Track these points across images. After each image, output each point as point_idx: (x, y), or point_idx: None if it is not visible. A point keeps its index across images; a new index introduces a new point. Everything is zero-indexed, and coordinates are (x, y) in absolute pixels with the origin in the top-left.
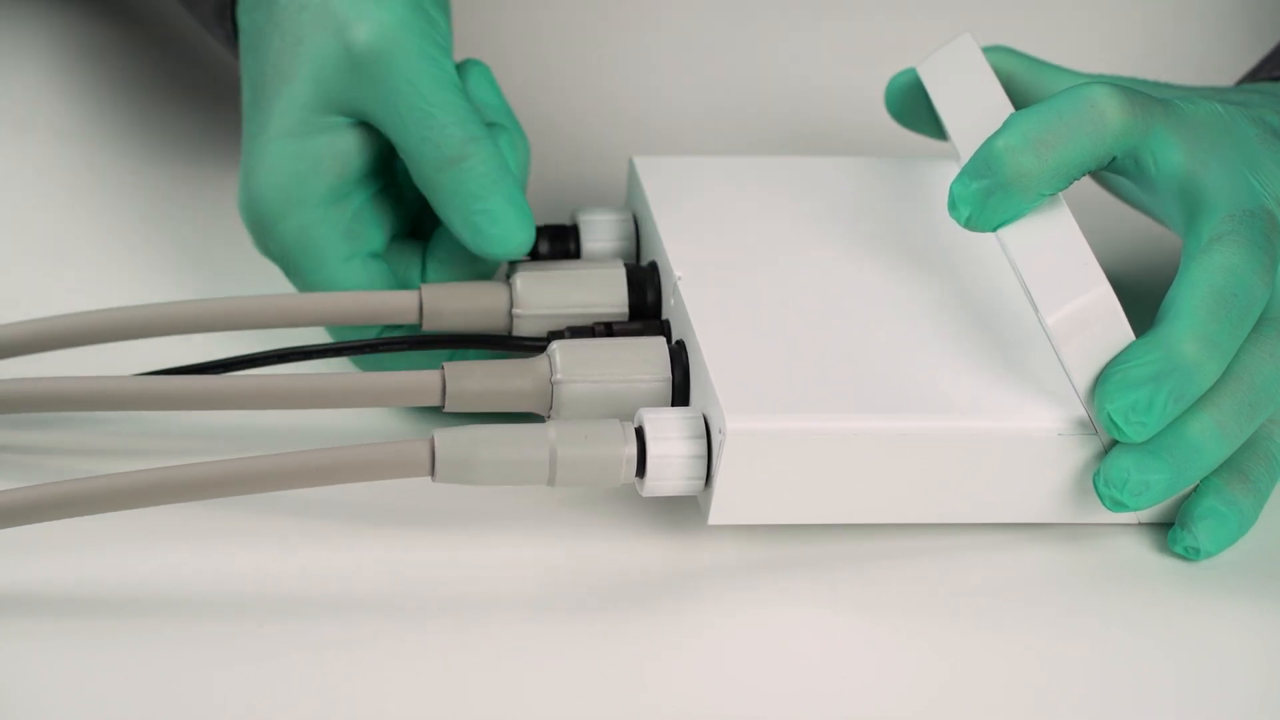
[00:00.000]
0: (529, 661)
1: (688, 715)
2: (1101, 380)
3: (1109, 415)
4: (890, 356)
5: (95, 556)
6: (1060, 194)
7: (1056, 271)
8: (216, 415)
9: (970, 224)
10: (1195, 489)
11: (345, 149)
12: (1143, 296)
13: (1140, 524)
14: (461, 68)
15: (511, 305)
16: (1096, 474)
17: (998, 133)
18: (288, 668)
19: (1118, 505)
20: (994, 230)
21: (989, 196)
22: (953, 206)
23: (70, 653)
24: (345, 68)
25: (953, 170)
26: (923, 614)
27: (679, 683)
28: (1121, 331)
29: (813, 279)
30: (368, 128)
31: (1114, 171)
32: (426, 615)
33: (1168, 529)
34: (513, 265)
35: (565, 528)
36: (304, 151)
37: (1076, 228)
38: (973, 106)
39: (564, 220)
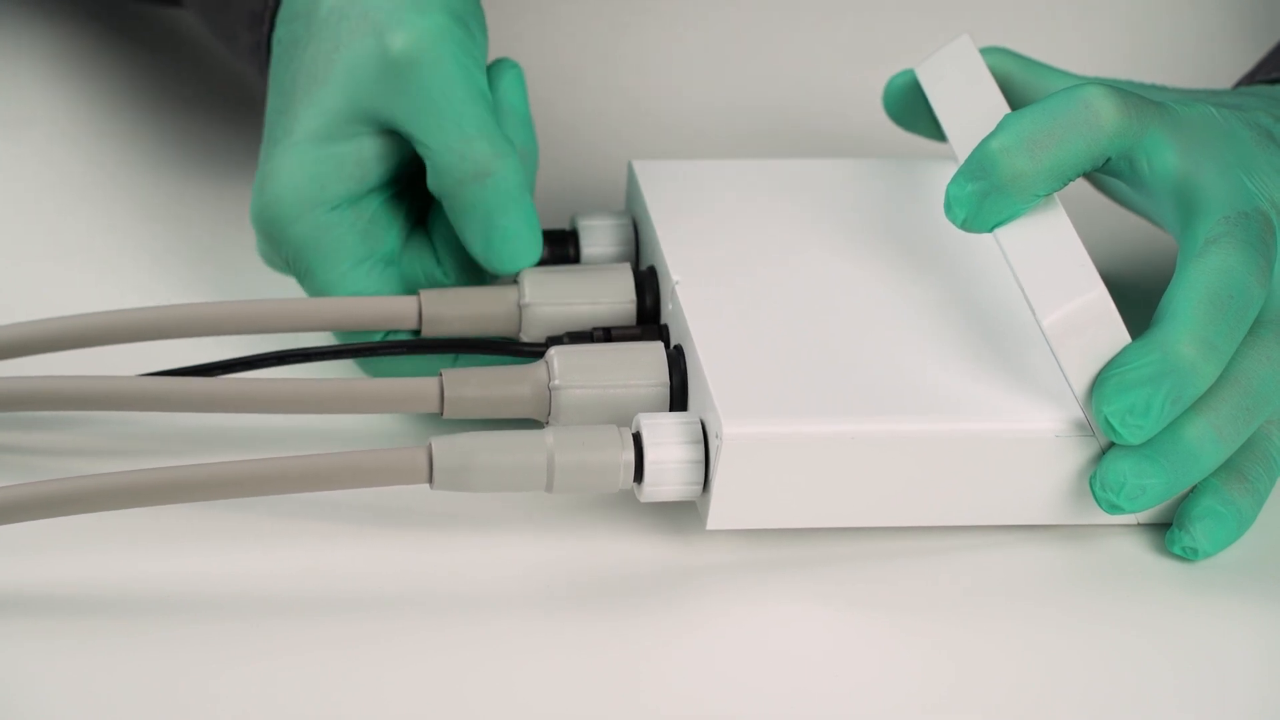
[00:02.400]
0: (528, 661)
1: (687, 716)
2: (1099, 383)
3: (1106, 418)
4: (888, 359)
5: (95, 556)
6: (1056, 196)
7: (1052, 274)
8: (217, 416)
9: (966, 225)
10: (1193, 489)
11: (368, 156)
12: (1139, 299)
13: (1139, 525)
14: (496, 65)
15: (519, 301)
16: (1093, 477)
17: (992, 134)
18: (288, 668)
19: (1114, 509)
20: (990, 231)
21: (984, 198)
22: (948, 208)
23: (70, 653)
24: (380, 73)
25: (951, 171)
26: (923, 614)
27: (679, 683)
28: (1117, 334)
29: (811, 282)
30: (392, 136)
31: (1108, 173)
32: (425, 615)
33: (1167, 529)
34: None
35: (565, 528)
36: (328, 156)
37: (1072, 230)
38: (970, 108)
39: (563, 225)
